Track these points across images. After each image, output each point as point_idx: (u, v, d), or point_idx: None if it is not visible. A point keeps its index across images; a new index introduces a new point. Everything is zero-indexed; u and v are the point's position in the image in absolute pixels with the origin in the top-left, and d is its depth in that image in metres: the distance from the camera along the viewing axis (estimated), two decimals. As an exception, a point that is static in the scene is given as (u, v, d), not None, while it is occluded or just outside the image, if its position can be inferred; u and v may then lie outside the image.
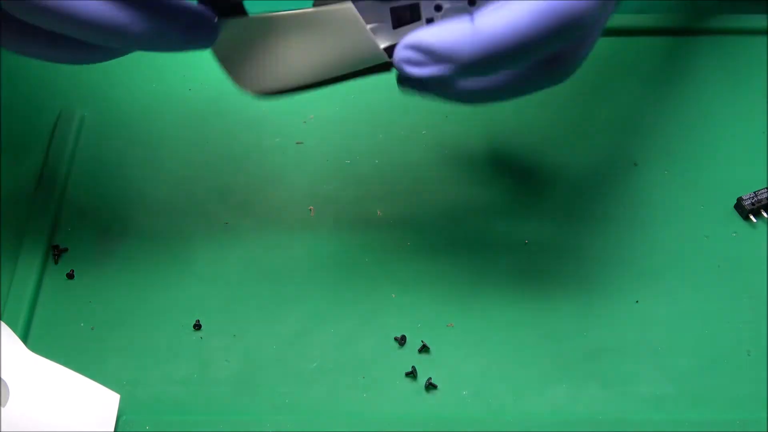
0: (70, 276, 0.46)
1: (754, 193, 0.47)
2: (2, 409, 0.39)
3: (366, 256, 0.46)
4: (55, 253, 0.46)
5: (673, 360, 0.43)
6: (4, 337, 0.41)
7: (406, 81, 0.41)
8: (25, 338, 0.43)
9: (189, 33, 0.37)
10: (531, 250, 0.47)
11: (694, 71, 0.54)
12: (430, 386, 0.42)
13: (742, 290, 0.45)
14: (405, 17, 0.40)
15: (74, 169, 0.50)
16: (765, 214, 0.47)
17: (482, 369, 0.43)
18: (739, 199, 0.47)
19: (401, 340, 0.43)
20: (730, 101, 0.52)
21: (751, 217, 0.47)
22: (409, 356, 0.43)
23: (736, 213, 0.47)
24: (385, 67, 0.40)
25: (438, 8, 0.40)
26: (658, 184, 0.49)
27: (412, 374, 0.42)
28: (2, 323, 0.42)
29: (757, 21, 0.56)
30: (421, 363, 0.43)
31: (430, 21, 0.40)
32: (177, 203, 0.48)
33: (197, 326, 0.44)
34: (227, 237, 0.47)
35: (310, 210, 0.48)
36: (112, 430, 0.40)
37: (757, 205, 0.47)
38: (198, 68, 0.55)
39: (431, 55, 0.36)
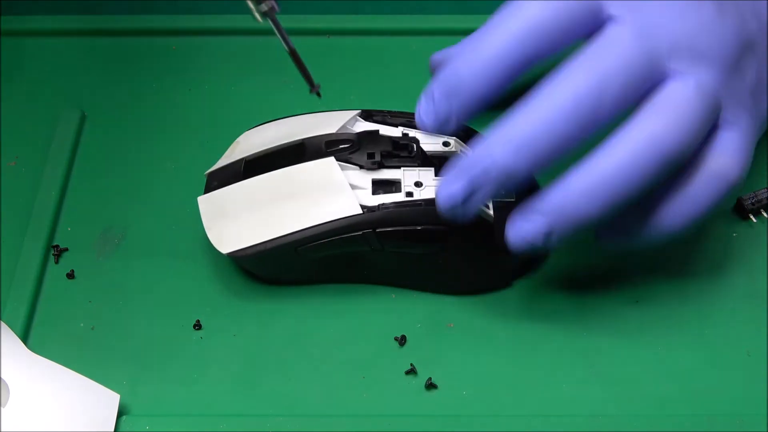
0: (70, 276, 0.46)
1: (754, 193, 0.47)
2: (2, 409, 0.39)
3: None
4: (55, 253, 0.46)
5: (673, 360, 0.43)
6: (4, 337, 0.41)
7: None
8: (25, 338, 0.43)
9: None
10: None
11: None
12: (430, 386, 0.42)
13: (742, 290, 0.45)
14: (385, 188, 0.42)
15: (74, 169, 0.50)
16: (765, 214, 0.47)
17: (482, 369, 0.43)
18: (739, 199, 0.47)
19: (401, 340, 0.43)
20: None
21: (751, 217, 0.47)
22: (409, 356, 0.43)
23: (736, 213, 0.47)
24: (364, 238, 0.42)
25: (418, 184, 0.42)
26: (658, 184, 0.49)
27: (412, 371, 0.42)
28: (2, 323, 0.42)
29: (757, 21, 0.56)
30: (421, 363, 0.43)
31: (409, 195, 0.42)
32: (177, 203, 0.48)
33: (197, 326, 0.44)
34: (227, 237, 0.47)
35: (310, 210, 0.48)
36: (112, 430, 0.40)
37: (757, 205, 0.47)
38: (198, 68, 0.54)
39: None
